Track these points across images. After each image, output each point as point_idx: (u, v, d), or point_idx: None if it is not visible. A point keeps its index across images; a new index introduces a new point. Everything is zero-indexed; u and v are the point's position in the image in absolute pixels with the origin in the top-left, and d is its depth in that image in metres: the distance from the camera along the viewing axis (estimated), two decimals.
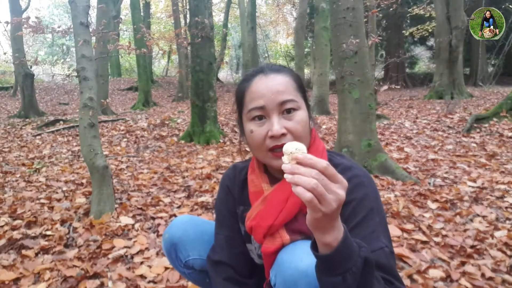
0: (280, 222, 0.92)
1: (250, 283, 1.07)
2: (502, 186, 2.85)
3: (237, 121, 1.02)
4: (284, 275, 0.85)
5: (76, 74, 2.61)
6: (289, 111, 0.89)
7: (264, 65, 0.96)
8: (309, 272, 0.81)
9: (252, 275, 1.08)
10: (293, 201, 0.91)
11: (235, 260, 1.06)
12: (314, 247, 0.70)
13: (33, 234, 2.21)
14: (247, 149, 1.04)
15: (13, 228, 2.32)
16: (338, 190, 0.63)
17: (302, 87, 0.95)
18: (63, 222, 2.41)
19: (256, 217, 0.95)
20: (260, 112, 0.90)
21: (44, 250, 2.04)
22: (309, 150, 0.94)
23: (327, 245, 0.67)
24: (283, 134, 0.88)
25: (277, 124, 0.87)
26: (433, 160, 3.84)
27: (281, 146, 0.86)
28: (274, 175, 0.99)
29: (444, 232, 2.12)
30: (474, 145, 4.47)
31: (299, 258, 0.84)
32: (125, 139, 5.92)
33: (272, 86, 0.89)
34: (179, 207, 2.71)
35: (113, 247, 2.07)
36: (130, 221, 2.40)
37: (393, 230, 2.12)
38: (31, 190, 3.20)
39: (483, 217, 2.33)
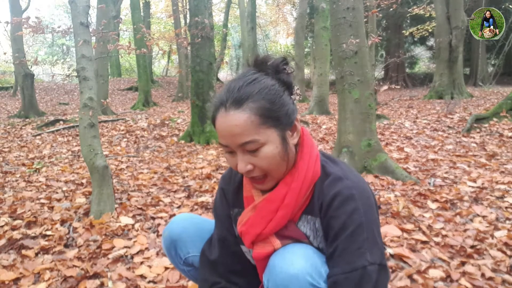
0: (269, 231, 0.92)
1: (240, 283, 1.08)
2: (502, 186, 2.85)
3: None
4: (275, 280, 0.85)
5: (76, 74, 2.61)
6: (252, 150, 0.85)
7: (226, 97, 0.85)
8: (299, 276, 0.82)
9: (245, 273, 1.08)
10: (283, 213, 0.90)
11: (227, 259, 1.08)
12: None
13: (33, 234, 2.21)
14: None
15: (13, 228, 2.32)
16: None
17: (272, 110, 0.84)
18: (63, 222, 2.40)
19: (246, 224, 0.95)
20: (227, 149, 0.89)
21: (44, 250, 2.04)
22: (290, 171, 0.91)
23: None
24: (250, 170, 0.88)
25: (241, 163, 0.86)
26: (433, 160, 3.84)
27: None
28: None
29: (444, 232, 2.12)
30: (474, 145, 4.47)
31: (290, 262, 0.85)
32: (125, 139, 5.92)
33: (230, 128, 0.84)
34: (179, 207, 2.71)
35: (113, 247, 2.06)
36: (130, 221, 2.40)
37: (393, 230, 2.12)
38: (31, 190, 3.20)
39: (483, 217, 2.33)
